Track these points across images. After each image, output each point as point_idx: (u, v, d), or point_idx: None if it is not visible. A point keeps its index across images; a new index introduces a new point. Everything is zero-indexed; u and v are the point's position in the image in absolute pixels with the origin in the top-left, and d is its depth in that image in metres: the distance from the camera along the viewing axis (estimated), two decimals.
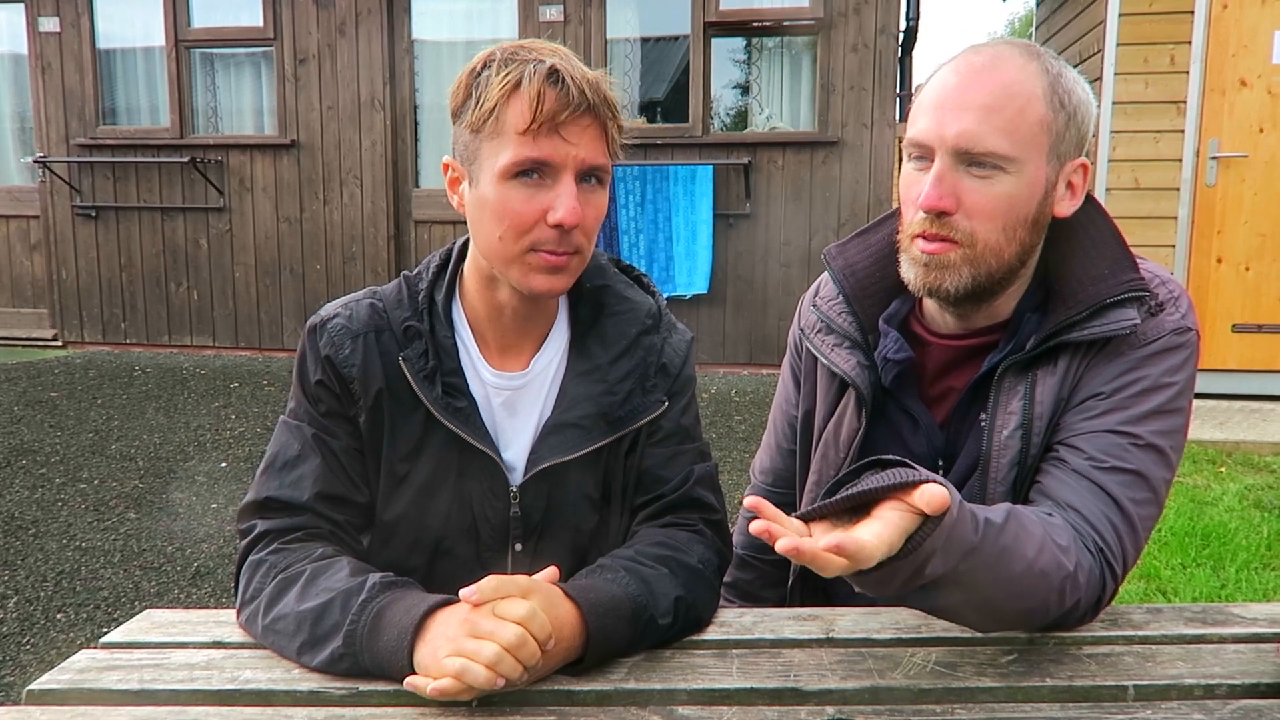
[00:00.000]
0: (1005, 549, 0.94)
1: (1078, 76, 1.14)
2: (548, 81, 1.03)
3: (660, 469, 1.20)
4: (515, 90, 1.04)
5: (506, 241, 1.08)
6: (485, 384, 1.18)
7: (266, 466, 1.16)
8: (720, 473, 1.30)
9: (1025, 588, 0.98)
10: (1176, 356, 1.12)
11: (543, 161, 1.05)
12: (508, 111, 1.04)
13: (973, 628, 1.06)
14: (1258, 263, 4.87)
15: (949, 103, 1.10)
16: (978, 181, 1.10)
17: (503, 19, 6.21)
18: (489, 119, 1.05)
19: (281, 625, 1.02)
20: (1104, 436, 1.10)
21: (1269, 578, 2.99)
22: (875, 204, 5.84)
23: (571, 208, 1.05)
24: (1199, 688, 0.95)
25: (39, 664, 2.50)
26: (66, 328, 6.82)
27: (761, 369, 6.08)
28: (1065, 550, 1.01)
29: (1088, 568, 1.03)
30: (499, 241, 1.09)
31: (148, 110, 6.65)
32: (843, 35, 5.83)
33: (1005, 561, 0.95)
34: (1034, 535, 0.98)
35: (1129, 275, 1.13)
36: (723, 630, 1.09)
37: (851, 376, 1.24)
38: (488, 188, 1.08)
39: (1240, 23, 4.76)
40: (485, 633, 0.90)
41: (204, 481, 4.01)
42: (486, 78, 1.05)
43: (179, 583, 3.05)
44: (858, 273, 1.28)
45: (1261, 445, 4.25)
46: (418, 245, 6.43)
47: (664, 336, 1.23)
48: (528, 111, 1.03)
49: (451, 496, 1.16)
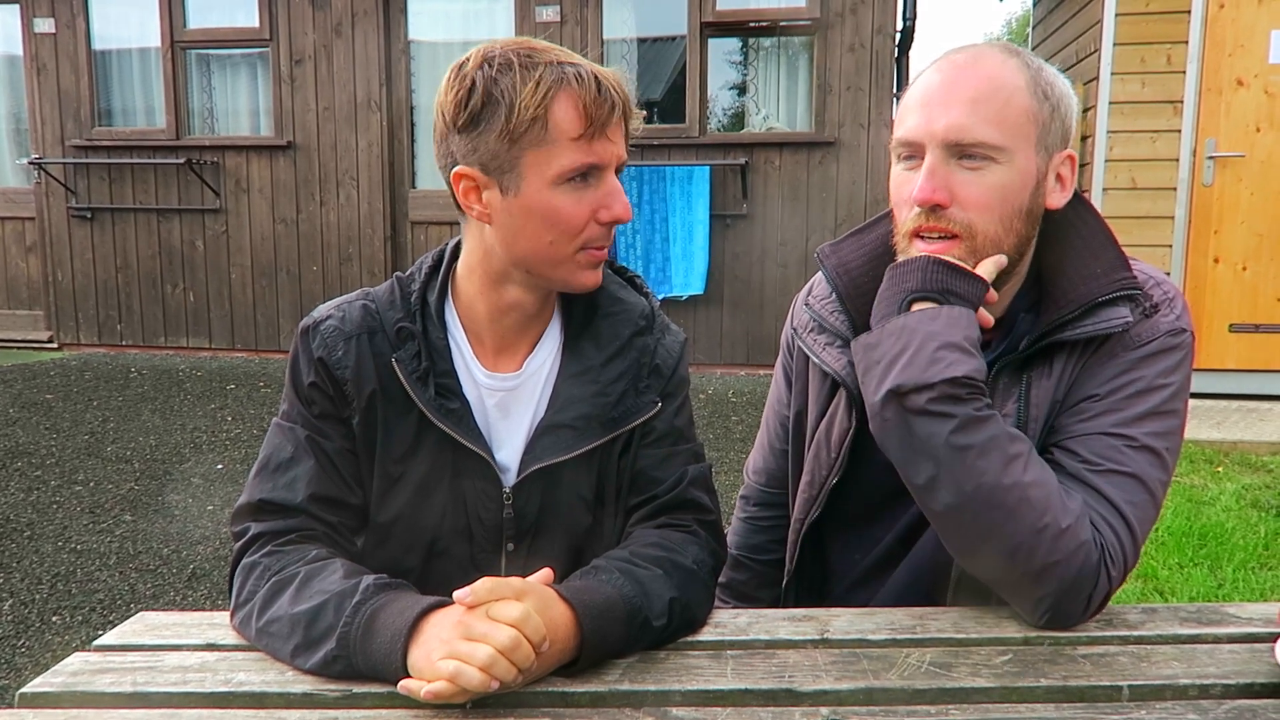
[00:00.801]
0: (1014, 455, 1.03)
1: (1057, 72, 1.16)
2: (593, 86, 1.05)
3: (654, 470, 1.20)
4: (559, 96, 1.04)
5: (559, 245, 1.10)
6: (478, 385, 1.17)
7: (260, 469, 1.15)
8: (717, 473, 1.30)
9: (1003, 502, 1.03)
10: (1171, 358, 1.12)
11: (596, 164, 1.08)
12: (555, 118, 1.05)
13: (951, 544, 1.11)
14: (1255, 262, 4.88)
15: (936, 99, 1.11)
16: (970, 173, 1.11)
17: (499, 19, 6.21)
18: (532, 126, 1.05)
19: (275, 628, 1.01)
20: (1099, 439, 1.10)
21: (1266, 577, 2.99)
22: (872, 204, 5.84)
23: (626, 205, 1.10)
24: (1194, 688, 0.95)
25: (34, 667, 2.49)
26: (62, 329, 6.82)
27: (758, 369, 6.08)
28: (1066, 509, 1.04)
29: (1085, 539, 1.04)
30: (549, 246, 1.10)
31: (143, 111, 6.65)
32: (839, 35, 5.84)
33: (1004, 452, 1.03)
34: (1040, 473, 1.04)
35: (1120, 274, 1.13)
36: (717, 631, 1.09)
37: (842, 376, 1.24)
38: (535, 194, 1.08)
39: (1237, 22, 4.76)
40: (479, 635, 0.89)
41: (200, 483, 4.00)
42: (511, 83, 1.04)
43: (175, 585, 3.05)
44: (851, 272, 1.28)
45: (1259, 445, 4.26)
46: (414, 246, 6.43)
47: (657, 337, 1.23)
48: (581, 118, 1.05)
49: (446, 498, 1.16)
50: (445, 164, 1.11)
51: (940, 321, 1.07)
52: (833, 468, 1.26)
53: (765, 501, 1.49)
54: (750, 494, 1.51)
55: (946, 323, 1.06)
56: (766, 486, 1.48)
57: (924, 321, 1.07)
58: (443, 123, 1.10)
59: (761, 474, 1.49)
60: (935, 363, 1.04)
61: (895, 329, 1.08)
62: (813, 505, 1.30)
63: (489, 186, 1.09)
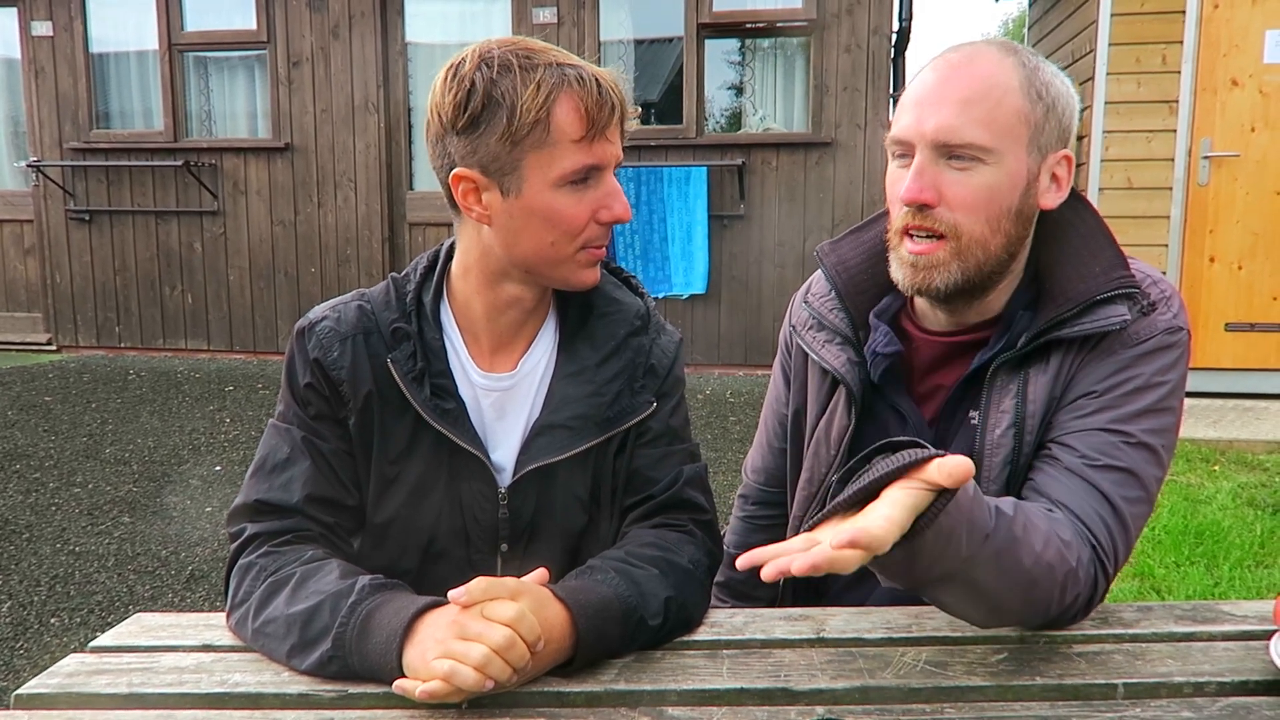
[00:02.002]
0: (1016, 539, 0.95)
1: (1057, 71, 1.16)
2: (594, 88, 1.05)
3: (650, 470, 1.20)
4: (561, 98, 1.05)
5: (560, 245, 1.11)
6: (474, 385, 1.18)
7: (256, 469, 1.15)
8: (715, 473, 1.30)
9: (1033, 580, 0.98)
10: (1168, 356, 1.12)
11: (596, 166, 1.08)
12: (557, 120, 1.05)
13: (975, 624, 1.06)
14: (1250, 261, 4.89)
15: (928, 99, 1.12)
16: (958, 174, 1.11)
17: (496, 21, 6.21)
18: (534, 128, 1.05)
19: (271, 628, 1.01)
20: (1096, 434, 1.10)
21: (1262, 575, 2.99)
22: (869, 205, 5.85)
23: (625, 205, 1.11)
24: (1188, 685, 0.95)
25: (32, 668, 2.49)
26: (61, 332, 6.81)
27: (756, 370, 6.08)
28: (1068, 545, 1.02)
29: (1086, 562, 1.04)
30: (550, 246, 1.11)
31: (141, 114, 6.64)
32: (836, 36, 5.84)
33: (1015, 552, 0.95)
34: (1040, 528, 0.99)
35: (1118, 273, 1.14)
36: (713, 631, 1.09)
37: (841, 373, 1.25)
38: (536, 196, 1.08)
39: (1231, 22, 4.77)
40: (474, 635, 0.89)
41: (198, 485, 4.00)
42: (512, 85, 1.04)
43: (173, 586, 3.05)
44: (850, 269, 1.29)
45: (1254, 443, 4.26)
46: (412, 248, 6.43)
47: (652, 337, 1.23)
48: (583, 120, 1.06)
49: (442, 498, 1.16)
50: (442, 165, 1.11)
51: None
52: (832, 465, 1.26)
53: (764, 500, 1.49)
54: (749, 493, 1.51)
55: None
56: (765, 485, 1.48)
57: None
58: (439, 124, 1.09)
59: (760, 473, 1.49)
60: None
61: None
62: (811, 503, 1.30)
63: (489, 188, 1.09)
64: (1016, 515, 0.96)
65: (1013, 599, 0.99)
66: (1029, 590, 0.98)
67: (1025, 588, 0.97)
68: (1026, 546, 0.96)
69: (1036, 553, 0.97)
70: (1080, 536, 1.05)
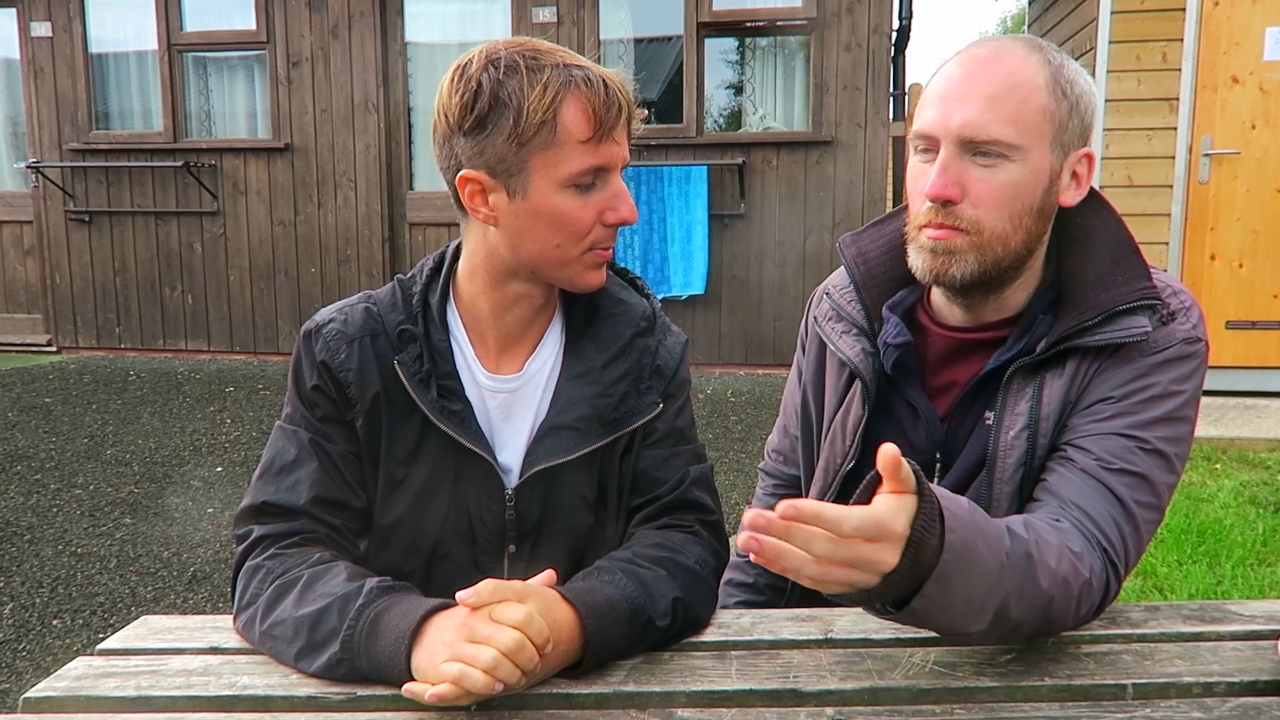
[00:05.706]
0: (1029, 555, 0.95)
1: (1080, 69, 1.16)
2: (601, 90, 1.05)
3: (656, 471, 1.20)
4: (568, 100, 1.05)
5: (566, 247, 1.11)
6: (480, 387, 1.18)
7: (263, 471, 1.15)
8: (717, 473, 1.30)
9: (1051, 597, 0.97)
10: (1186, 366, 1.12)
11: (603, 167, 1.08)
12: (564, 121, 1.05)
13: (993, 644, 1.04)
14: (1251, 259, 4.89)
15: (953, 94, 1.12)
16: (983, 170, 1.11)
17: (495, 21, 6.20)
18: (540, 130, 1.05)
19: (279, 631, 1.01)
20: (1112, 439, 1.10)
21: (1264, 574, 3.00)
22: (870, 203, 5.85)
23: (631, 206, 1.11)
24: (1197, 686, 0.95)
25: (35, 671, 2.49)
26: (61, 333, 6.81)
27: (757, 369, 6.08)
28: (1080, 556, 1.01)
29: (1099, 570, 1.04)
30: (556, 248, 1.11)
31: (141, 114, 6.64)
32: (836, 35, 5.84)
33: (1032, 569, 0.94)
34: (1051, 544, 0.98)
35: (1142, 283, 1.14)
36: (721, 632, 1.09)
37: (855, 363, 1.26)
38: (543, 198, 1.08)
39: (1231, 20, 4.77)
40: (482, 637, 0.89)
41: (200, 486, 4.00)
42: (518, 86, 1.04)
43: (175, 588, 3.05)
44: (869, 261, 1.30)
45: (1256, 441, 4.26)
46: (413, 248, 6.42)
47: (659, 339, 1.23)
48: (590, 121, 1.05)
49: (448, 500, 1.16)
50: (449, 166, 1.11)
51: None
52: (847, 454, 1.27)
53: (782, 479, 1.52)
54: (770, 470, 1.54)
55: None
56: (784, 466, 1.51)
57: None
58: (446, 125, 1.09)
59: (779, 453, 1.52)
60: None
61: None
62: (826, 492, 1.31)
63: (495, 189, 1.09)
64: (1028, 532, 0.96)
65: (1031, 616, 0.97)
66: (1048, 607, 0.98)
67: (1044, 604, 0.97)
68: (1042, 563, 0.95)
69: (1053, 568, 0.96)
70: (1090, 543, 1.04)
